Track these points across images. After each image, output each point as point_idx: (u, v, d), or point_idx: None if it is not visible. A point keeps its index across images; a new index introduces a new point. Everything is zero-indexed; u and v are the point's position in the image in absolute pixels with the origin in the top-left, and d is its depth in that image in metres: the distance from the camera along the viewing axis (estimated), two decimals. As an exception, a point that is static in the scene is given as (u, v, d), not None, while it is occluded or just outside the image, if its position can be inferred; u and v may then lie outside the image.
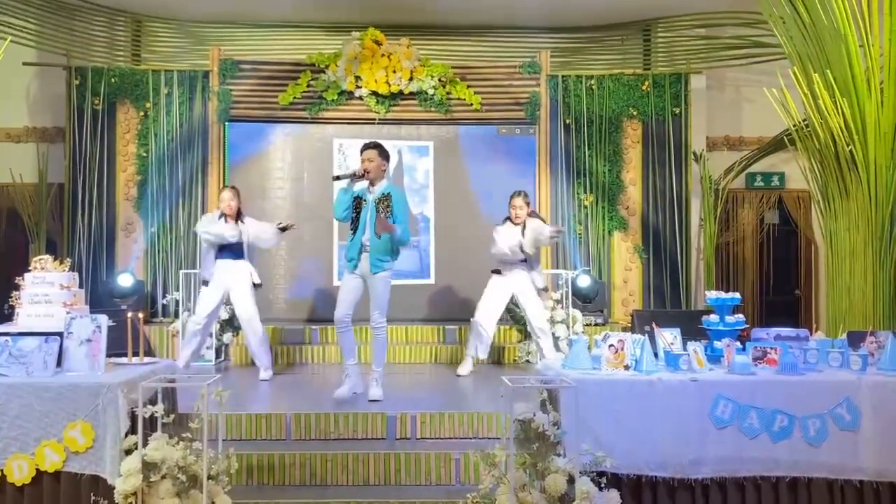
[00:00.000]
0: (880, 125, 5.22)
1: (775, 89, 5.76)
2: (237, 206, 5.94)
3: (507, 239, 5.99)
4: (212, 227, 5.84)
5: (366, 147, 5.04)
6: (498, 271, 6.17)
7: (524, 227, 6.04)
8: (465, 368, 6.17)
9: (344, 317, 4.99)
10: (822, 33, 5.36)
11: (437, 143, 8.11)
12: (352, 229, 5.01)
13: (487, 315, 6.12)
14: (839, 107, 5.27)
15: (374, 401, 4.91)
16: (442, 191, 8.05)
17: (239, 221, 5.94)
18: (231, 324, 6.64)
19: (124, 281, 7.34)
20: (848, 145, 5.33)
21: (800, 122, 5.80)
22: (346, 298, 5.00)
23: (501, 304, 6.17)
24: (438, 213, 8.03)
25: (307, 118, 7.80)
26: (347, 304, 4.99)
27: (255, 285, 5.95)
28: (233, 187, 6.11)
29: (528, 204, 6.12)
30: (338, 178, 5.02)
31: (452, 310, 7.77)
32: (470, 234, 7.73)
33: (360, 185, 5.00)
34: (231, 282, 5.88)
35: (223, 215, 5.90)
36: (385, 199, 4.95)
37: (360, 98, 7.72)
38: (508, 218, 6.13)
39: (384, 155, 5.03)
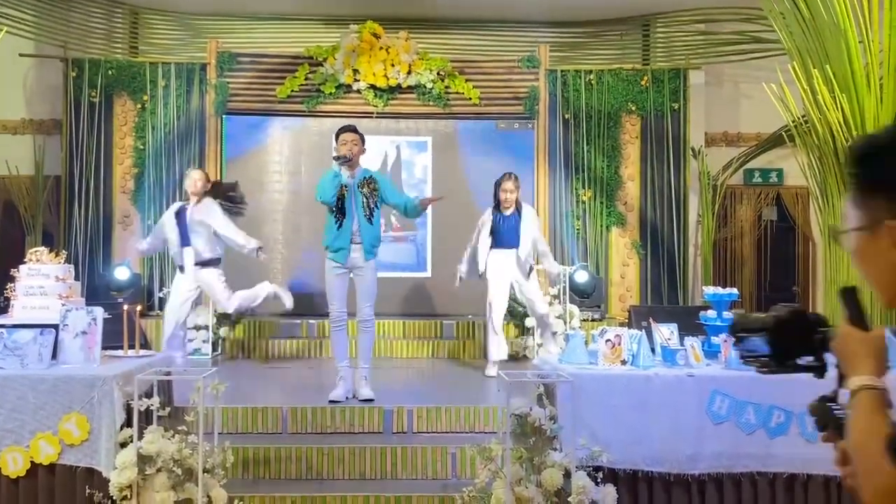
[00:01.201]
0: (879, 121, 5.20)
1: (774, 85, 5.75)
2: (202, 187, 5.74)
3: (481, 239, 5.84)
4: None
5: (345, 130, 4.85)
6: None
7: (517, 214, 5.75)
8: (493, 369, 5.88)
9: (341, 314, 4.87)
10: (822, 28, 5.34)
11: (435, 138, 8.08)
12: (337, 219, 4.78)
13: (499, 315, 5.91)
14: (838, 102, 5.26)
15: (367, 400, 4.72)
16: (440, 185, 8.03)
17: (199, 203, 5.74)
18: (228, 317, 6.63)
19: (121, 274, 7.31)
20: (847, 141, 5.32)
21: (799, 118, 5.79)
22: (338, 294, 4.86)
23: (506, 297, 5.97)
24: (436, 208, 7.99)
25: (305, 111, 7.77)
26: (341, 301, 4.87)
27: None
28: (204, 171, 6.02)
29: (518, 188, 5.77)
30: (337, 158, 4.78)
31: (449, 303, 7.76)
32: (468, 228, 7.70)
33: (343, 172, 4.80)
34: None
35: (184, 205, 5.81)
36: (369, 182, 4.80)
37: (358, 91, 7.70)
38: (497, 205, 5.80)
39: (363, 139, 4.91)
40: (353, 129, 4.88)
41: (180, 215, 5.75)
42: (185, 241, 5.71)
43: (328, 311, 4.93)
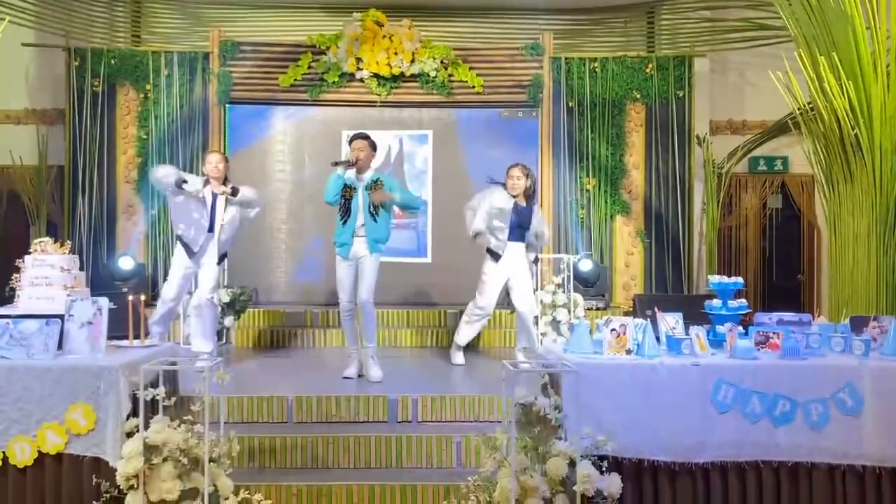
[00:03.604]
0: (886, 108, 5.17)
1: (780, 72, 5.71)
2: (224, 171, 5.56)
3: (489, 206, 5.65)
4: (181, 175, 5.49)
5: (357, 137, 5.26)
6: (495, 255, 5.77)
7: (525, 202, 5.71)
8: (460, 357, 5.97)
9: (349, 304, 5.25)
10: (829, 15, 5.30)
11: (437, 127, 8.06)
12: (342, 216, 5.20)
13: (489, 304, 5.85)
14: (845, 90, 5.23)
15: (376, 382, 5.09)
16: (441, 174, 8.02)
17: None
18: (232, 307, 6.63)
19: (125, 264, 7.32)
20: (853, 129, 5.29)
21: (804, 106, 5.76)
22: (346, 285, 5.24)
23: (497, 291, 5.87)
24: (437, 197, 7.99)
25: (308, 100, 7.75)
26: (349, 292, 5.24)
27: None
28: (222, 153, 5.86)
29: (526, 176, 5.71)
30: (336, 164, 5.22)
31: (450, 290, 7.77)
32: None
33: (349, 174, 5.19)
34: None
35: (206, 183, 5.52)
36: (375, 183, 5.18)
37: (362, 80, 7.67)
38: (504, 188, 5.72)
39: (373, 146, 5.30)
40: (364, 137, 5.27)
41: (213, 199, 5.50)
42: (211, 226, 5.51)
43: (338, 301, 5.31)
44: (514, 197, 5.71)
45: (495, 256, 5.75)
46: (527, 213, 5.79)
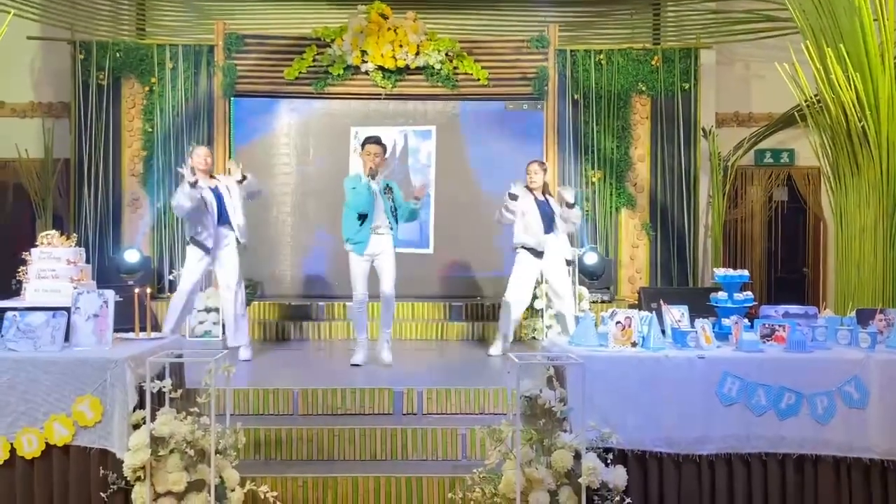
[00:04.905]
0: (893, 101, 5.15)
1: (787, 64, 5.68)
2: (212, 163, 5.68)
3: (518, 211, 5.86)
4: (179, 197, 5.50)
5: (369, 142, 5.40)
6: (530, 249, 5.87)
7: (543, 195, 5.96)
8: (497, 348, 6.02)
9: (364, 297, 5.47)
10: (836, 7, 5.27)
11: (442, 121, 8.05)
12: (360, 217, 5.37)
13: (520, 297, 5.96)
14: (852, 82, 5.20)
15: (387, 364, 5.40)
16: (445, 167, 8.00)
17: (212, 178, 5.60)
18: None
19: (131, 256, 7.34)
20: (860, 121, 5.27)
21: (811, 98, 5.73)
22: (361, 280, 5.45)
23: (532, 284, 6.05)
24: (440, 189, 7.98)
25: (313, 93, 7.74)
26: (364, 286, 5.46)
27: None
28: (208, 146, 5.99)
29: (544, 171, 6.03)
30: (372, 177, 5.35)
31: (452, 283, 7.78)
32: (471, 207, 7.75)
33: (372, 183, 5.38)
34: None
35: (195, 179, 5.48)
36: (388, 189, 5.47)
37: (366, 73, 7.65)
38: (526, 186, 5.98)
39: (385, 147, 5.51)
40: (377, 141, 5.43)
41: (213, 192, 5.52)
42: (222, 218, 5.53)
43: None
44: (531, 190, 5.94)
45: (538, 254, 5.88)
46: (546, 205, 5.96)
